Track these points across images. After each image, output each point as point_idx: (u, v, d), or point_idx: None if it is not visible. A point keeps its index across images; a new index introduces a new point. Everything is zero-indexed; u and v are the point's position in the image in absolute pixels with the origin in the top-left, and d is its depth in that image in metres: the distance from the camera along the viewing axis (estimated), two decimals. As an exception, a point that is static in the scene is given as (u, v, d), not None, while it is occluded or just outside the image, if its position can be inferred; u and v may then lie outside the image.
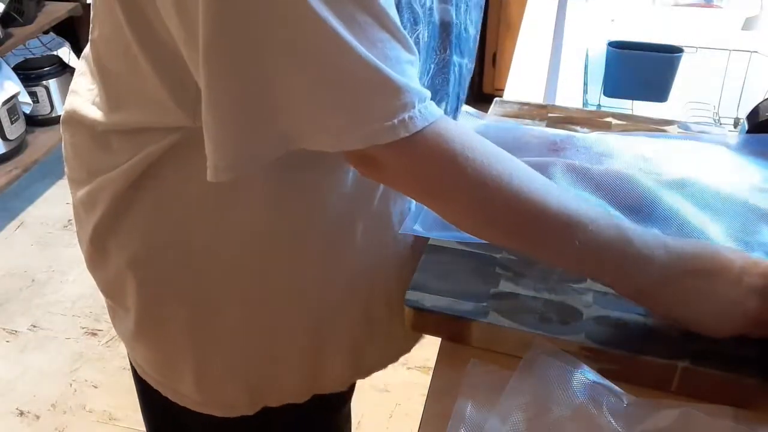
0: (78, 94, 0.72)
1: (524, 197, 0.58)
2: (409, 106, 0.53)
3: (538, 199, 0.58)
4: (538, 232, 0.60)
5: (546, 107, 1.03)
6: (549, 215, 0.59)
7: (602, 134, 0.89)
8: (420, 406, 0.63)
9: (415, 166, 0.57)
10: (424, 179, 0.58)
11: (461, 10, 0.71)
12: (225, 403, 0.77)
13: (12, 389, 1.86)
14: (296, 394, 0.79)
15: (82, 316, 2.08)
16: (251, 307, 0.71)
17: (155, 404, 0.83)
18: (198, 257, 0.69)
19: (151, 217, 0.68)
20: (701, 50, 1.28)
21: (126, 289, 0.73)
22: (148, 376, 0.80)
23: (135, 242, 0.70)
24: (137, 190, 0.67)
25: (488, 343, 0.66)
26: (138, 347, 0.78)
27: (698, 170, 0.78)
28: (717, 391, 0.60)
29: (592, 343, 0.62)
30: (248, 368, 0.75)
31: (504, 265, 0.72)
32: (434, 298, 0.68)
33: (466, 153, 0.56)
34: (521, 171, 0.59)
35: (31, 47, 2.67)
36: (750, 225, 0.71)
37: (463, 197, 0.59)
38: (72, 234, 2.40)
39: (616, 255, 0.60)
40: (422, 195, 0.62)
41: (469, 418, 0.58)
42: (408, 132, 0.53)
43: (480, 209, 0.60)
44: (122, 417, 1.77)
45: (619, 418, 0.57)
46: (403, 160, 0.56)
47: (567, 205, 0.59)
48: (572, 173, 0.75)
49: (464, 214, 0.61)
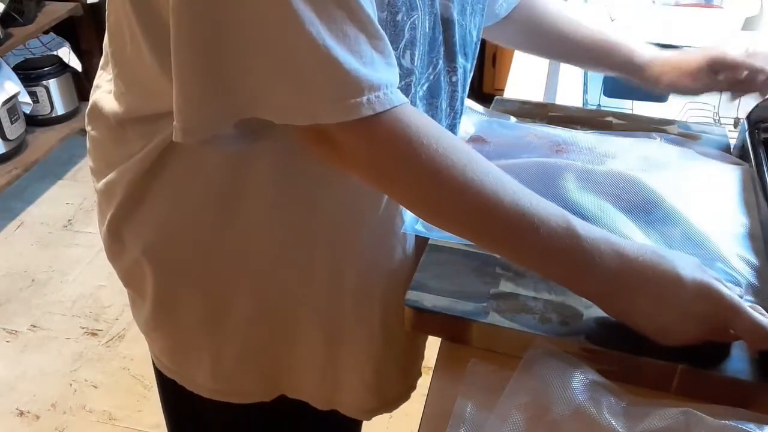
0: (99, 88, 0.73)
1: (476, 190, 0.58)
2: (366, 90, 0.54)
3: (490, 193, 0.59)
4: (488, 226, 0.60)
5: (546, 106, 1.03)
6: (500, 210, 0.59)
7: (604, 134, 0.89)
8: (420, 406, 0.63)
9: (370, 150, 0.58)
10: (379, 163, 0.59)
11: (467, 12, 0.71)
12: (241, 390, 0.78)
13: (12, 389, 1.85)
14: (314, 397, 0.79)
15: (82, 316, 2.08)
16: (262, 297, 0.72)
17: (173, 395, 0.84)
18: (209, 246, 0.70)
19: (164, 206, 0.69)
20: (701, 50, 1.28)
21: (143, 277, 0.74)
22: (165, 367, 0.81)
23: (149, 230, 0.71)
24: (151, 179, 0.68)
25: (488, 343, 0.66)
26: (155, 336, 0.79)
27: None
28: (717, 391, 0.60)
29: (592, 344, 0.62)
30: (263, 357, 0.76)
31: (504, 265, 0.72)
32: (434, 298, 0.68)
33: (422, 140, 0.57)
34: (477, 164, 0.59)
35: (31, 47, 2.67)
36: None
37: (415, 184, 0.60)
38: (72, 234, 2.41)
39: (565, 257, 0.60)
40: (377, 180, 0.62)
41: (469, 418, 0.58)
42: (360, 115, 0.54)
43: (431, 197, 0.60)
44: (122, 417, 1.77)
45: (619, 418, 0.57)
46: (359, 142, 0.57)
47: (520, 202, 0.59)
48: (575, 174, 0.75)
49: (416, 202, 0.62)
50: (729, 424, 0.56)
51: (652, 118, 0.99)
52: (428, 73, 0.67)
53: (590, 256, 0.59)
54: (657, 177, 0.75)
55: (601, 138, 0.84)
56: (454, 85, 0.73)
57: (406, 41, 0.61)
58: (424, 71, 0.67)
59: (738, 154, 0.89)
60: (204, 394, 0.79)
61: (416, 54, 0.63)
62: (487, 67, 2.92)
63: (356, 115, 0.54)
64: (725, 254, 0.70)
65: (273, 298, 0.72)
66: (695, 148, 0.86)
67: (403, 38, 0.61)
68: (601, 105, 1.33)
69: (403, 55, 0.62)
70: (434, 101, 0.70)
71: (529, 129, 0.88)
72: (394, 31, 0.60)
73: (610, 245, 0.60)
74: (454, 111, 0.75)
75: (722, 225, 0.74)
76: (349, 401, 0.79)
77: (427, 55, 0.66)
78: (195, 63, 0.54)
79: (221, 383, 0.77)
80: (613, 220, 0.70)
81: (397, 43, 0.60)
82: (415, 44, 0.63)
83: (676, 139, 0.91)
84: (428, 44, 0.66)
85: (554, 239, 0.59)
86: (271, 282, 0.71)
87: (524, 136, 0.84)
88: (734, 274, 0.68)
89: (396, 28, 0.60)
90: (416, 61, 0.64)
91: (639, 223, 0.71)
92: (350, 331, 0.75)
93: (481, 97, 0.91)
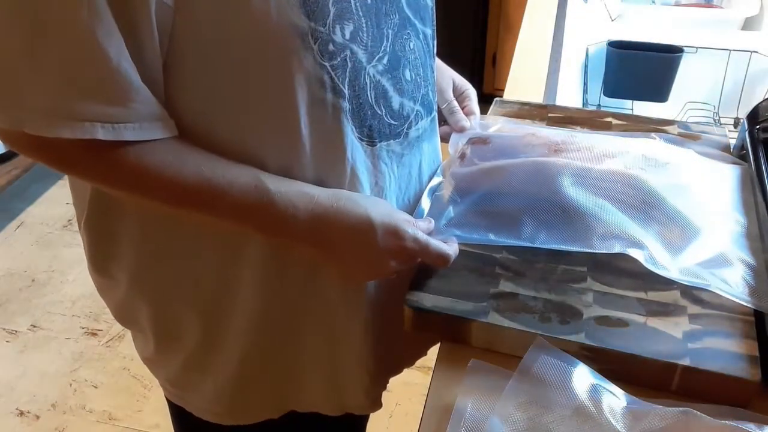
0: None
1: (157, 169, 0.59)
2: (65, 111, 0.54)
3: (172, 170, 0.59)
4: (174, 199, 0.62)
5: (546, 107, 1.03)
6: (185, 183, 0.60)
7: (603, 135, 0.89)
8: (420, 406, 0.63)
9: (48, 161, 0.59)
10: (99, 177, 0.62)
11: None
12: (247, 410, 0.78)
13: (12, 389, 1.85)
14: (326, 406, 0.79)
15: (82, 316, 2.08)
16: (260, 308, 0.71)
17: (185, 422, 0.84)
18: (194, 263, 0.69)
19: (136, 228, 0.69)
20: (701, 50, 1.28)
21: (136, 309, 0.74)
22: (172, 394, 0.81)
23: (131, 262, 0.71)
24: (114, 212, 0.68)
25: (488, 343, 0.66)
26: (159, 366, 0.80)
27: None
28: (717, 391, 0.60)
29: (592, 343, 0.63)
30: (268, 376, 0.75)
31: (504, 265, 0.72)
32: (434, 298, 0.68)
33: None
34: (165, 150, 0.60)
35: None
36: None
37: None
38: (72, 234, 2.41)
39: (259, 216, 0.63)
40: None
41: (469, 418, 0.58)
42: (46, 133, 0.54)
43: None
44: (122, 417, 1.77)
45: (619, 418, 0.57)
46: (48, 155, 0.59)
47: (202, 173, 0.60)
48: (573, 173, 0.75)
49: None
50: (729, 424, 0.56)
51: (652, 118, 0.99)
52: (383, 45, 0.66)
53: (284, 207, 0.62)
54: (656, 176, 0.75)
55: (600, 138, 0.84)
56: (415, 52, 0.71)
57: (333, 15, 0.60)
58: (377, 45, 0.65)
59: (738, 154, 0.89)
60: (211, 420, 0.79)
61: (350, 28, 0.62)
62: (487, 67, 2.93)
63: (43, 132, 0.54)
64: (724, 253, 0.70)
65: (273, 307, 0.71)
66: (695, 148, 0.86)
67: (329, 13, 0.59)
68: (601, 105, 1.33)
69: (333, 30, 0.60)
70: (396, 73, 0.68)
71: (528, 129, 0.88)
72: (317, 7, 0.58)
73: (302, 196, 0.63)
74: (424, 80, 0.74)
75: (721, 224, 0.74)
76: (359, 401, 0.79)
77: (377, 28, 0.65)
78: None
79: (225, 405, 0.77)
80: (612, 218, 0.70)
81: (324, 19, 0.59)
82: (345, 17, 0.61)
83: (675, 139, 0.91)
84: (374, 16, 0.64)
85: (244, 199, 0.61)
86: (269, 290, 0.70)
87: (523, 136, 0.84)
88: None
89: (318, 5, 0.58)
90: (358, 35, 0.63)
91: (638, 222, 0.71)
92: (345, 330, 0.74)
93: (481, 98, 0.91)
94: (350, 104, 0.64)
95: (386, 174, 0.71)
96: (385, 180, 0.71)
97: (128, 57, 0.54)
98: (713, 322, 0.65)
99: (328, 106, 0.63)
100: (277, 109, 0.61)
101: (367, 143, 0.68)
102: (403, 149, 0.72)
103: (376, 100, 0.67)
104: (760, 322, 0.65)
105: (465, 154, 0.83)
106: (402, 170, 0.74)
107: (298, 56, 0.59)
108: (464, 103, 0.90)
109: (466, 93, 0.91)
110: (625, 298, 0.68)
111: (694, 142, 0.91)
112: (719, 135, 0.94)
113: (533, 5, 1.59)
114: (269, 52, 0.58)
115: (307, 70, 0.60)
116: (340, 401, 0.79)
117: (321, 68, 0.60)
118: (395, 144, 0.71)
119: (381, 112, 0.68)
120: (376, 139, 0.68)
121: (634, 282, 0.69)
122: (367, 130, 0.67)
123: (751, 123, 0.87)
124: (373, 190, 0.70)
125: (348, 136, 0.65)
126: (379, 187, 0.71)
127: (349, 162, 0.67)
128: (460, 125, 0.87)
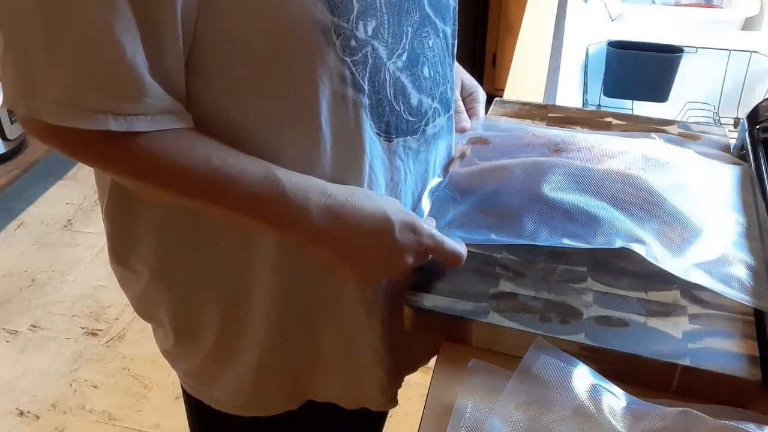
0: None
1: (168, 157, 0.59)
2: (86, 103, 0.54)
3: (182, 158, 0.59)
4: (185, 188, 0.61)
5: (546, 107, 1.03)
6: (195, 172, 0.59)
7: (603, 134, 0.89)
8: (420, 406, 0.63)
9: (62, 148, 0.59)
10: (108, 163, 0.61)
11: None
12: (267, 402, 0.78)
13: (12, 389, 1.86)
14: (343, 398, 0.79)
15: (82, 316, 2.08)
16: (280, 297, 0.71)
17: (202, 415, 0.84)
18: (213, 253, 0.69)
19: (155, 218, 0.69)
20: (701, 50, 1.28)
21: (157, 302, 0.74)
22: (191, 387, 0.81)
23: (151, 254, 0.71)
24: (133, 204, 0.68)
25: (488, 343, 0.66)
26: (179, 360, 0.80)
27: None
28: (717, 391, 0.60)
29: (592, 343, 0.63)
30: (287, 367, 0.76)
31: (504, 265, 0.72)
32: (434, 298, 0.68)
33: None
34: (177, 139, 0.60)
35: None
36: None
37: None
38: (72, 234, 2.41)
39: (269, 208, 0.62)
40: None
41: (469, 418, 0.58)
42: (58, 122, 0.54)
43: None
44: (122, 417, 1.77)
45: (619, 418, 0.57)
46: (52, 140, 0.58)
47: (212, 161, 0.60)
48: (573, 172, 0.75)
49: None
50: (729, 424, 0.56)
51: (651, 118, 0.99)
52: (403, 42, 0.66)
53: (294, 198, 0.61)
54: (656, 176, 0.75)
55: (600, 138, 0.84)
56: (434, 50, 0.71)
57: (357, 11, 0.60)
58: (397, 41, 0.66)
59: (738, 154, 0.89)
60: (231, 411, 0.79)
61: (372, 24, 0.62)
62: (488, 67, 2.92)
63: (52, 120, 0.55)
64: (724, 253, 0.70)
65: (292, 298, 0.71)
66: (695, 148, 0.86)
67: (353, 9, 0.60)
68: (601, 105, 1.33)
69: (356, 26, 0.60)
70: (414, 70, 0.69)
71: (528, 129, 0.88)
72: (341, 3, 0.59)
73: (315, 188, 0.63)
74: (443, 78, 0.74)
75: (721, 225, 0.74)
76: (375, 397, 0.79)
77: (397, 25, 0.65)
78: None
79: (245, 398, 0.77)
80: (612, 218, 0.70)
81: (347, 15, 0.59)
82: (368, 14, 0.61)
83: (675, 139, 0.91)
84: (396, 13, 0.65)
85: (255, 190, 0.61)
86: (288, 282, 0.70)
87: (523, 136, 0.84)
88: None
89: (342, 1, 0.58)
90: (380, 32, 0.63)
91: (638, 222, 0.71)
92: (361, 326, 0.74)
93: (481, 98, 0.92)
94: (370, 100, 0.64)
95: (402, 170, 0.71)
96: (401, 176, 0.72)
97: (143, 53, 0.54)
98: (713, 322, 0.65)
99: (349, 102, 0.63)
100: (298, 104, 0.61)
101: (384, 139, 0.68)
102: (419, 146, 0.73)
103: (395, 96, 0.67)
104: (760, 322, 0.65)
105: (465, 153, 0.83)
106: (418, 167, 0.74)
107: (321, 52, 0.59)
108: (471, 105, 0.90)
109: (475, 95, 0.91)
110: (625, 298, 0.68)
111: (694, 142, 0.91)
112: (719, 135, 0.94)
113: (533, 5, 1.59)
114: (292, 48, 0.58)
115: (329, 66, 0.60)
116: (357, 395, 0.79)
117: (342, 63, 0.61)
118: (412, 140, 0.71)
119: (399, 108, 0.68)
120: (393, 134, 0.68)
121: (634, 282, 0.69)
122: (384, 125, 0.67)
123: (751, 123, 0.87)
124: (388, 186, 0.70)
125: (366, 131, 0.65)
126: (395, 182, 0.71)
127: (367, 157, 0.67)
128: (461, 126, 0.87)
